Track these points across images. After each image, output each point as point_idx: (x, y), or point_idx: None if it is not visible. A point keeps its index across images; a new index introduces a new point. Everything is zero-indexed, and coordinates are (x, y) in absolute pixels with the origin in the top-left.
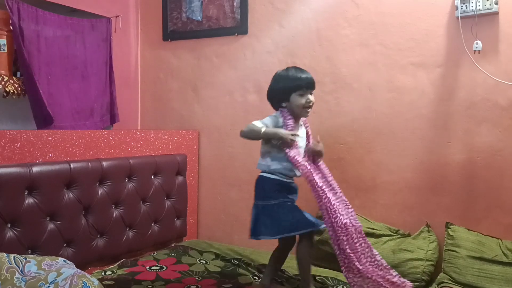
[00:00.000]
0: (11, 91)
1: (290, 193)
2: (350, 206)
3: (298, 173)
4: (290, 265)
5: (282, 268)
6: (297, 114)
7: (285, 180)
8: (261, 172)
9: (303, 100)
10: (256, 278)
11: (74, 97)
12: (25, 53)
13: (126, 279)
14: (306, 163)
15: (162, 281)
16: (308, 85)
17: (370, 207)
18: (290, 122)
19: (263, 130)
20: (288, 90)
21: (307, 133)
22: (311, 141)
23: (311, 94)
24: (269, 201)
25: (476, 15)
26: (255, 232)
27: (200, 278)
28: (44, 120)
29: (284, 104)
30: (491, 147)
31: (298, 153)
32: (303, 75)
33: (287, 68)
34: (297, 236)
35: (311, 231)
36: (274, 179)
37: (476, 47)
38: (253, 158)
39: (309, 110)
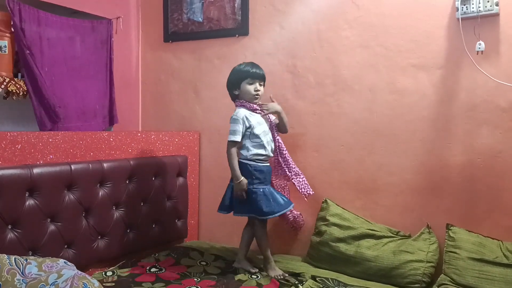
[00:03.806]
0: (13, 90)
1: (263, 176)
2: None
3: (272, 154)
4: (292, 267)
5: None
6: (248, 101)
7: (260, 163)
8: (239, 159)
9: (251, 88)
10: (255, 277)
11: (79, 98)
12: (27, 54)
13: (127, 281)
14: None
15: (162, 282)
16: (255, 75)
17: (371, 209)
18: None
19: (236, 171)
20: (239, 79)
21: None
22: (272, 121)
23: (260, 85)
24: (248, 186)
25: (479, 16)
26: (227, 208)
27: (199, 279)
28: (50, 118)
29: (236, 92)
30: (492, 149)
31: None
32: (253, 68)
33: (243, 63)
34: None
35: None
36: (251, 164)
37: (479, 48)
38: None
39: (257, 97)
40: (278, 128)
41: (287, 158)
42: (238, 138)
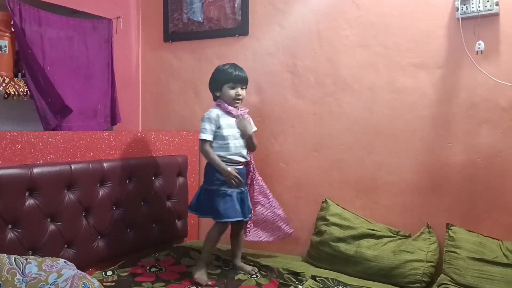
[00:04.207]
0: (12, 92)
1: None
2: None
3: (242, 159)
4: (292, 266)
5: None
6: (229, 104)
7: (230, 165)
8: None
9: (232, 92)
10: (255, 277)
11: (79, 97)
12: (29, 54)
13: (127, 280)
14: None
15: (162, 282)
16: (237, 80)
17: (371, 208)
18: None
19: (220, 164)
20: (221, 82)
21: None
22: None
23: (242, 88)
24: (210, 186)
25: (478, 16)
26: (193, 208)
27: None
28: (54, 117)
29: (217, 94)
30: (492, 148)
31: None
32: (236, 71)
33: (226, 64)
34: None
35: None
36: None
37: (479, 48)
38: (254, 159)
39: (238, 101)
40: (247, 145)
41: (253, 169)
42: (209, 137)
